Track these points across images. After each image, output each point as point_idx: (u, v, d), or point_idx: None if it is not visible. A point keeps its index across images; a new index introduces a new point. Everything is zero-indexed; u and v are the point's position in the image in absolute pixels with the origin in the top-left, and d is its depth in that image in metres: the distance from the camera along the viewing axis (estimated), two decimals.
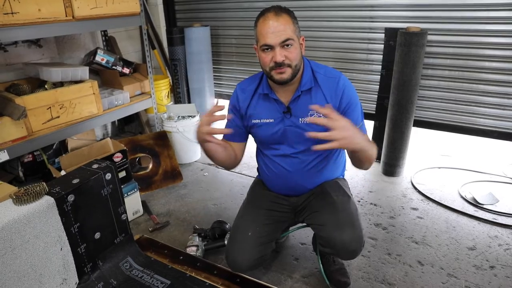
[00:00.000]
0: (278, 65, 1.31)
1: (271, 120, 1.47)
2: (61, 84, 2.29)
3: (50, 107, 2.09)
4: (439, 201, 2.36)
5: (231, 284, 1.39)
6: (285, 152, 1.51)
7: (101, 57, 2.74)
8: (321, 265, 1.55)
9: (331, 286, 1.62)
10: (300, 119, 1.43)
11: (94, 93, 2.31)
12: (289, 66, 1.32)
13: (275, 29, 1.28)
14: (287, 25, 1.29)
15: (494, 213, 2.22)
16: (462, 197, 2.41)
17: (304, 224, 1.61)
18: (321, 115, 1.20)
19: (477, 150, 3.06)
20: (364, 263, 1.82)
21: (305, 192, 1.59)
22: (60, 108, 2.14)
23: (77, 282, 1.32)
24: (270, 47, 1.30)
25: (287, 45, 1.30)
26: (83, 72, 2.35)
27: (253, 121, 1.50)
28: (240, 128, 1.55)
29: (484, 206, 2.29)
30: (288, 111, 1.44)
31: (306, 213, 1.54)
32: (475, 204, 2.32)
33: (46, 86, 2.27)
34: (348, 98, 1.41)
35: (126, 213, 1.52)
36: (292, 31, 1.31)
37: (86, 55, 2.90)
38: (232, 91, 3.49)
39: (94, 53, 2.73)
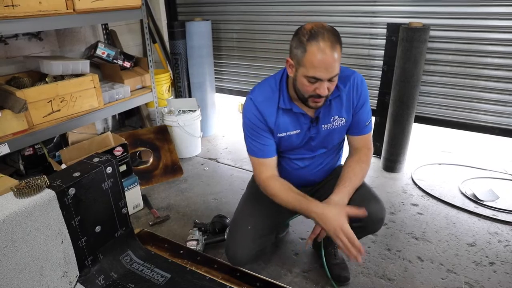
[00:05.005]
0: (319, 96, 1.28)
1: (298, 132, 1.44)
2: (61, 77, 2.29)
3: (50, 101, 2.08)
4: (439, 197, 2.36)
5: (231, 278, 1.39)
6: (304, 156, 1.52)
7: (102, 51, 2.73)
8: (324, 258, 1.55)
9: (332, 280, 1.63)
10: (323, 126, 1.43)
11: (95, 87, 2.30)
12: (327, 96, 1.30)
13: (329, 65, 1.20)
14: (338, 60, 1.22)
15: (494, 210, 2.23)
16: (462, 193, 2.41)
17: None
18: (342, 118, 1.42)
19: (478, 147, 3.05)
20: (363, 258, 1.82)
21: (311, 185, 1.61)
22: (61, 102, 2.14)
23: (78, 275, 1.33)
24: (318, 80, 1.24)
25: (332, 79, 1.25)
26: (84, 65, 2.35)
27: (279, 135, 1.44)
28: (273, 140, 1.45)
29: (484, 203, 2.29)
30: (316, 120, 1.43)
31: (320, 197, 1.48)
32: (475, 200, 2.32)
33: (46, 80, 2.26)
34: (364, 95, 1.43)
35: (126, 206, 1.52)
36: (340, 63, 1.25)
37: (87, 48, 2.89)
38: (232, 86, 3.47)
39: (95, 46, 2.72)
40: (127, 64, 2.88)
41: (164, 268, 1.47)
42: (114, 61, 2.80)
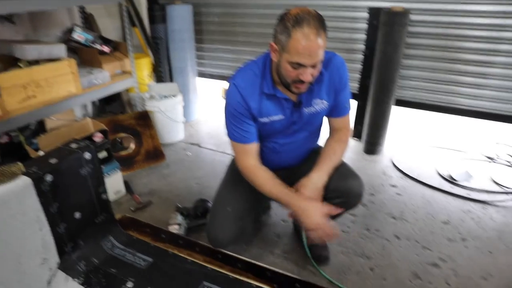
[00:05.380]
0: (302, 82, 1.28)
1: (281, 117, 1.44)
2: (36, 62, 2.22)
3: (25, 86, 2.02)
4: (417, 178, 2.43)
5: (213, 261, 1.41)
6: (285, 141, 1.53)
7: (79, 35, 2.66)
8: (304, 238, 1.59)
9: (312, 260, 1.67)
10: (305, 109, 1.44)
11: (72, 72, 2.25)
12: (310, 82, 1.30)
13: (313, 51, 1.20)
14: (323, 46, 1.22)
15: (468, 189, 2.31)
16: (439, 174, 2.48)
17: None
18: (323, 101, 1.43)
19: (456, 129, 3.14)
20: (344, 238, 1.88)
21: (291, 167, 1.63)
22: (36, 87, 2.08)
23: (58, 261, 1.32)
24: (301, 66, 1.24)
25: (316, 65, 1.26)
26: (60, 50, 2.28)
27: (261, 120, 1.43)
28: (254, 127, 1.45)
29: (460, 183, 2.37)
30: (298, 105, 1.43)
31: (299, 178, 1.50)
32: (451, 181, 2.40)
33: (20, 65, 2.19)
34: (345, 78, 1.44)
35: (106, 192, 1.51)
36: (324, 49, 1.25)
37: (63, 32, 2.81)
38: (214, 70, 3.43)
39: (71, 30, 2.65)
40: (105, 49, 2.81)
41: (146, 253, 1.48)
42: (92, 45, 2.73)
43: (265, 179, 1.43)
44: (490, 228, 1.97)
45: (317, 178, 1.42)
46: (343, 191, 1.48)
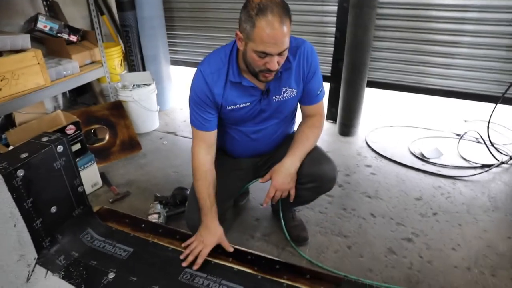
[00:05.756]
0: (269, 71, 1.26)
1: (248, 104, 1.43)
2: (0, 54, 2.13)
3: None
4: (390, 157, 2.51)
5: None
6: (255, 128, 1.53)
7: (44, 24, 2.56)
8: (283, 221, 1.63)
9: (291, 241, 1.72)
10: (274, 97, 1.43)
11: (39, 63, 2.16)
12: (277, 70, 1.28)
13: (279, 40, 1.18)
14: (288, 34, 1.20)
15: (438, 166, 2.41)
16: (411, 153, 2.57)
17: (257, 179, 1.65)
18: (293, 89, 1.43)
19: (427, 109, 3.24)
20: (321, 218, 1.93)
21: (266, 153, 1.65)
22: (1, 80, 1.99)
23: (36, 257, 1.31)
24: (267, 54, 1.22)
25: (282, 53, 1.24)
26: (24, 40, 2.19)
27: (227, 107, 1.42)
28: (215, 116, 1.45)
29: (430, 160, 2.46)
30: (266, 93, 1.42)
31: (276, 162, 1.52)
32: (423, 158, 2.49)
33: None
34: (314, 65, 1.43)
35: (82, 185, 1.49)
36: (289, 36, 1.24)
37: (26, 22, 2.69)
38: (187, 57, 3.39)
39: (35, 19, 2.53)
40: (73, 38, 2.72)
41: (126, 243, 1.48)
42: (59, 35, 2.63)
43: (202, 181, 1.43)
44: (459, 202, 2.06)
45: (290, 163, 1.44)
46: (316, 176, 1.50)
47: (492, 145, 2.51)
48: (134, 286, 1.28)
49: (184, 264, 1.35)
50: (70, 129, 1.97)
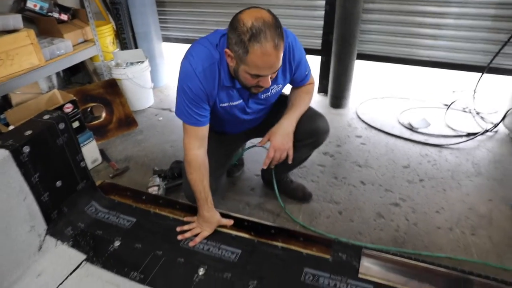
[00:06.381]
0: (261, 87, 1.28)
1: (240, 101, 1.45)
2: None
3: None
4: (380, 128, 2.59)
5: (193, 216, 1.52)
6: (245, 117, 1.56)
7: (33, 3, 2.54)
8: (276, 189, 1.72)
9: (286, 210, 1.82)
10: (262, 95, 1.46)
11: (32, 43, 2.18)
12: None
13: (274, 64, 1.18)
14: (282, 53, 1.19)
15: (426, 135, 2.50)
16: (400, 123, 2.66)
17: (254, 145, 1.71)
18: (279, 85, 1.47)
19: (416, 80, 3.31)
20: (313, 187, 2.03)
21: (258, 125, 1.70)
22: None
23: (46, 228, 1.39)
24: (261, 75, 1.22)
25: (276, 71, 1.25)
26: (15, 20, 2.19)
27: (221, 105, 1.43)
28: (209, 110, 1.43)
29: (418, 130, 2.55)
30: (256, 93, 1.42)
31: (266, 128, 1.56)
32: (411, 128, 2.58)
33: None
34: (298, 57, 1.43)
35: (84, 160, 1.56)
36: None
37: (15, 1, 2.66)
38: (179, 34, 3.35)
39: None
40: (64, 17, 2.71)
41: (129, 214, 1.56)
42: (49, 14, 2.62)
43: (195, 175, 1.43)
44: (445, 169, 2.17)
45: (287, 124, 1.50)
46: (313, 132, 1.60)
47: (478, 114, 2.60)
48: (139, 252, 1.37)
49: (179, 237, 1.42)
50: (68, 108, 2.02)
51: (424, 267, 1.29)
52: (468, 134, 2.48)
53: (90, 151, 2.16)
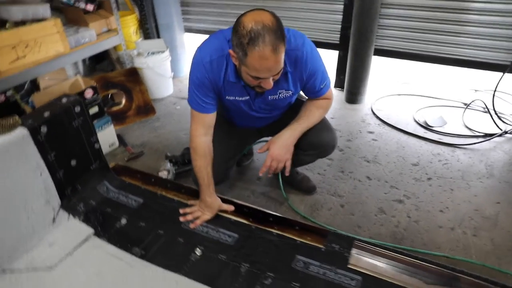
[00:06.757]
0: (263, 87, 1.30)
1: (247, 98, 1.47)
2: (22, 23, 2.28)
3: (14, 47, 2.11)
4: (394, 125, 2.57)
5: (197, 200, 1.59)
6: (257, 115, 1.59)
7: None
8: (280, 180, 1.76)
9: (288, 201, 1.87)
10: (269, 96, 1.48)
11: (58, 32, 2.31)
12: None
13: (272, 67, 1.19)
14: (282, 57, 1.19)
15: (440, 134, 2.46)
16: (415, 121, 2.62)
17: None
18: (289, 91, 1.47)
19: (436, 78, 3.24)
20: (319, 179, 2.06)
21: (270, 124, 1.74)
22: (26, 47, 2.16)
23: (60, 202, 1.51)
24: (261, 78, 1.24)
25: (278, 73, 1.26)
26: (44, 10, 2.33)
27: (227, 97, 1.47)
28: (216, 99, 1.47)
29: (433, 128, 2.51)
30: (262, 92, 1.44)
31: (279, 128, 1.59)
32: (426, 126, 2.54)
33: (6, 26, 2.25)
34: (311, 68, 1.41)
35: (98, 142, 1.67)
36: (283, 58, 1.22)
37: None
38: (201, 25, 3.39)
39: None
40: (89, 7, 2.83)
41: (137, 194, 1.67)
42: (76, 4, 2.75)
43: (201, 161, 1.49)
44: (455, 169, 2.14)
45: (288, 136, 1.52)
46: (317, 145, 1.62)
47: (496, 114, 2.52)
48: (143, 230, 1.47)
49: (181, 219, 1.51)
50: (88, 93, 2.14)
51: (413, 262, 1.31)
52: (485, 135, 2.42)
53: (108, 135, 2.28)
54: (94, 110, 2.17)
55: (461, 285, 1.24)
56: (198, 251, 1.37)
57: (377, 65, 2.93)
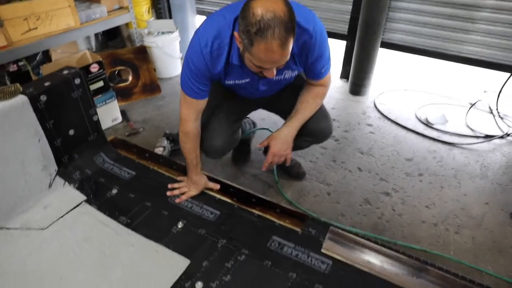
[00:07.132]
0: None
1: (247, 80, 1.45)
2: None
3: (26, 18, 2.19)
4: (394, 119, 2.57)
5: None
6: (258, 94, 1.60)
7: None
8: (275, 166, 1.81)
9: (279, 186, 1.92)
10: (275, 77, 1.39)
11: (69, 6, 2.38)
12: None
13: (278, 60, 1.14)
14: (289, 50, 1.13)
15: (440, 132, 2.45)
16: (417, 117, 2.61)
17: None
18: (294, 70, 1.46)
19: (445, 75, 3.19)
20: (310, 166, 2.10)
21: (270, 98, 1.71)
22: (37, 20, 2.24)
23: (56, 169, 1.60)
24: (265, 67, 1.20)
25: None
26: None
27: (227, 81, 1.45)
28: (210, 86, 1.43)
29: (434, 126, 2.51)
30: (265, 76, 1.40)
31: (275, 109, 1.66)
32: (426, 123, 2.53)
33: None
34: (320, 50, 1.37)
35: (97, 115, 1.75)
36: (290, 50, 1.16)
37: None
38: (213, 8, 3.39)
39: None
40: None
41: (131, 167, 1.75)
42: None
43: (190, 145, 1.52)
44: (449, 167, 2.14)
45: (287, 132, 1.55)
46: (314, 132, 1.65)
47: (499, 115, 2.49)
48: (131, 201, 1.55)
49: (168, 193, 1.59)
50: (94, 68, 2.21)
51: (384, 251, 1.36)
52: (486, 136, 2.40)
53: (111, 110, 2.36)
54: (99, 84, 2.25)
55: (429, 277, 1.28)
56: (180, 225, 1.44)
57: (385, 58, 2.90)
